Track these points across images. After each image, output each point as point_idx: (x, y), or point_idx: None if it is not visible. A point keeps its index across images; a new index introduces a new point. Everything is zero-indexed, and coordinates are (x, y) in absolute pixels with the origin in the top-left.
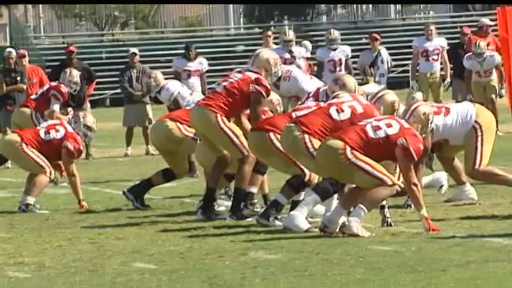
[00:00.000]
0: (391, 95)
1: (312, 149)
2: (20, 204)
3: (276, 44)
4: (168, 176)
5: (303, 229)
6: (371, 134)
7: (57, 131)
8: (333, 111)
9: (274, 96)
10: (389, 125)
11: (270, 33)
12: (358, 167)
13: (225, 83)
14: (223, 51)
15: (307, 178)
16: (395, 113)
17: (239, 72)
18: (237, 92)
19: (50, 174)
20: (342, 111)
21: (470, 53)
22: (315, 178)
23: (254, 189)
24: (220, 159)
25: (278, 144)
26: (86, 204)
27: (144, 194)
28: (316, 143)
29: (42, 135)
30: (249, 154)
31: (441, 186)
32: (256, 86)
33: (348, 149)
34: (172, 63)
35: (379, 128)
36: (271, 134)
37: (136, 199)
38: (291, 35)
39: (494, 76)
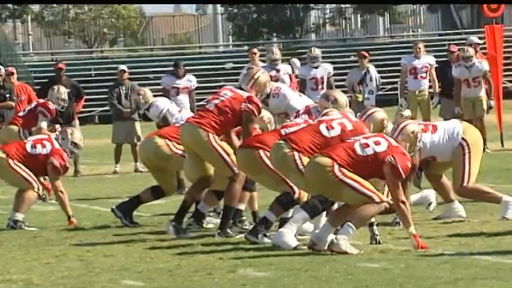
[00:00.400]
0: (380, 113)
1: (301, 166)
2: (9, 221)
3: (263, 61)
4: (157, 193)
5: (292, 246)
6: (359, 151)
7: (43, 146)
8: (323, 128)
9: (265, 114)
10: (377, 143)
11: (255, 50)
12: (346, 184)
13: (215, 101)
14: (212, 68)
15: (296, 195)
16: (384, 131)
17: (230, 90)
18: (229, 111)
19: (38, 189)
20: (332, 128)
21: (458, 62)
22: (305, 196)
23: (242, 206)
24: (202, 179)
25: (267, 162)
26: (75, 221)
27: (133, 211)
28: (306, 160)
29: (28, 149)
30: (240, 172)
31: (430, 204)
32: (248, 105)
33: (336, 166)
34: (161, 81)
35: (367, 145)
36: (261, 152)
37: (125, 216)
38: (278, 54)
39: (483, 91)
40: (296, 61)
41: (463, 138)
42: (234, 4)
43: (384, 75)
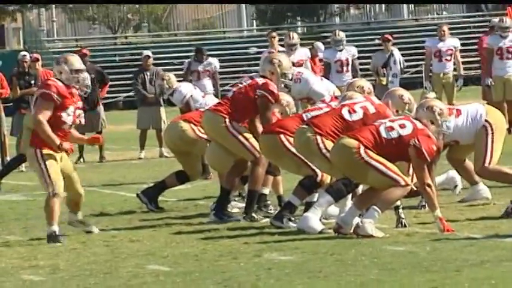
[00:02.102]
0: (399, 90)
1: (324, 150)
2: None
3: (283, 45)
4: (182, 178)
5: (317, 230)
6: (384, 134)
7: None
8: (345, 112)
9: (284, 98)
10: (402, 126)
11: (274, 34)
12: (372, 166)
13: (234, 89)
14: (236, 53)
15: (319, 178)
16: (406, 107)
17: (249, 78)
18: (244, 97)
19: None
20: (354, 112)
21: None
22: (327, 178)
23: (266, 191)
24: (238, 163)
25: (289, 146)
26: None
27: (158, 196)
28: (329, 144)
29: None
30: (261, 156)
31: (455, 186)
32: (263, 92)
33: (362, 148)
34: (184, 66)
35: (392, 128)
36: (282, 136)
37: (150, 201)
38: (295, 38)
39: None
40: (320, 45)
41: (486, 120)
42: (235, 4)
43: (408, 58)
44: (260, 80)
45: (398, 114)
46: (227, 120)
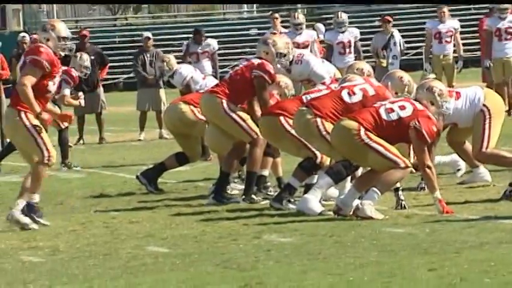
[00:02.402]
0: (399, 72)
1: (324, 132)
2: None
3: (286, 27)
4: (182, 160)
5: (317, 212)
6: (384, 116)
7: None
8: (344, 94)
9: (282, 79)
10: (402, 108)
11: (277, 15)
12: (372, 148)
13: (231, 72)
14: (236, 34)
15: (318, 160)
16: (405, 89)
17: (246, 59)
18: (241, 78)
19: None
20: (354, 94)
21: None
22: (327, 160)
23: (266, 172)
24: (237, 145)
25: (289, 128)
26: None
27: (158, 178)
28: (329, 126)
29: None
30: (259, 137)
31: (459, 169)
32: (259, 71)
33: (362, 130)
34: (183, 48)
35: (392, 110)
36: (282, 118)
37: (149, 183)
38: (300, 18)
39: None
40: (320, 26)
41: (484, 104)
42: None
43: (409, 39)
44: (256, 61)
45: (397, 96)
46: (224, 102)
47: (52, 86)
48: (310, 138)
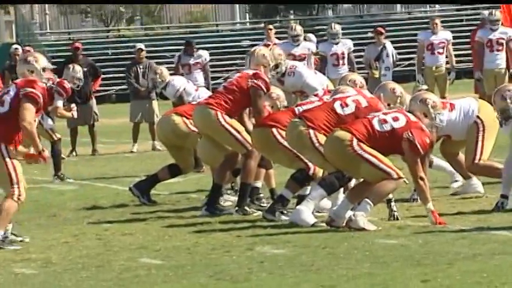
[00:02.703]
0: (391, 83)
1: (317, 144)
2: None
3: (279, 39)
4: (174, 171)
5: (310, 223)
6: (377, 127)
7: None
8: (337, 105)
9: (274, 91)
10: (396, 119)
11: (271, 27)
12: (364, 159)
13: (225, 83)
14: (228, 46)
15: (311, 172)
16: (398, 100)
17: (239, 71)
18: (237, 89)
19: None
20: (346, 105)
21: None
22: (319, 172)
23: (259, 184)
24: (229, 157)
25: (281, 140)
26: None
27: (151, 190)
28: (322, 138)
29: None
30: (254, 149)
31: (455, 181)
32: (255, 81)
33: (355, 140)
34: (174, 59)
35: (385, 121)
36: (274, 130)
37: (142, 195)
38: (297, 29)
39: (504, 60)
40: (311, 36)
41: (477, 116)
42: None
43: (401, 51)
44: (250, 71)
45: (390, 108)
46: (219, 113)
47: (35, 121)
48: (302, 150)
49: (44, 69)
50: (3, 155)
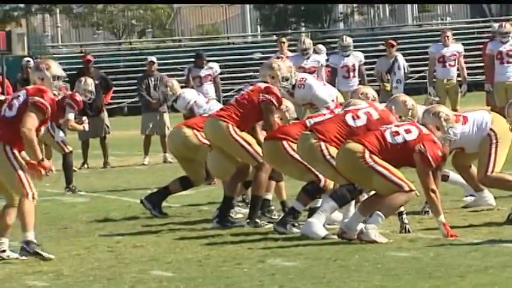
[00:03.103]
0: (402, 96)
1: (328, 157)
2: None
3: (292, 51)
4: (186, 184)
5: (321, 236)
6: (389, 139)
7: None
8: (348, 118)
9: (283, 103)
10: (408, 131)
11: (284, 39)
12: (376, 171)
13: (236, 96)
14: (240, 58)
15: (322, 184)
16: (409, 113)
17: (251, 84)
18: (248, 103)
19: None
20: (358, 117)
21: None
22: (330, 184)
23: (269, 196)
24: (240, 168)
25: (292, 152)
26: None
27: (162, 202)
28: (333, 150)
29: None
30: (265, 161)
31: (470, 195)
32: (266, 95)
33: (367, 152)
34: (185, 72)
35: (397, 133)
36: (285, 143)
37: (154, 207)
38: (307, 43)
39: None
40: (321, 47)
41: (491, 129)
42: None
43: (412, 63)
44: (262, 85)
45: (401, 120)
46: (230, 125)
47: (41, 131)
48: (314, 162)
49: (55, 78)
50: (8, 157)
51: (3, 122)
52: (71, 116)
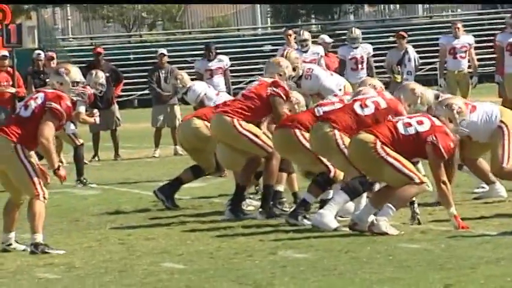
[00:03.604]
0: (411, 84)
1: (342, 146)
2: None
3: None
4: (197, 172)
5: (332, 228)
6: (402, 130)
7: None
8: (357, 106)
9: (293, 95)
10: (420, 122)
11: (291, 32)
12: (388, 162)
13: (243, 91)
14: (250, 51)
15: (332, 174)
16: (418, 101)
17: (258, 80)
18: (256, 97)
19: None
20: (366, 106)
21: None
22: (340, 174)
23: (281, 188)
24: (251, 158)
25: (303, 140)
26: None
27: (175, 194)
28: (346, 140)
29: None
30: (274, 150)
31: (482, 187)
32: (274, 89)
33: (379, 143)
34: (194, 65)
35: (410, 125)
36: (297, 131)
37: (167, 199)
38: (305, 34)
39: None
40: (325, 37)
41: (501, 121)
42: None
43: (423, 55)
44: (269, 79)
45: (410, 108)
46: (235, 120)
47: (54, 134)
48: (326, 151)
49: (74, 83)
50: (19, 156)
51: (17, 120)
52: (82, 109)
